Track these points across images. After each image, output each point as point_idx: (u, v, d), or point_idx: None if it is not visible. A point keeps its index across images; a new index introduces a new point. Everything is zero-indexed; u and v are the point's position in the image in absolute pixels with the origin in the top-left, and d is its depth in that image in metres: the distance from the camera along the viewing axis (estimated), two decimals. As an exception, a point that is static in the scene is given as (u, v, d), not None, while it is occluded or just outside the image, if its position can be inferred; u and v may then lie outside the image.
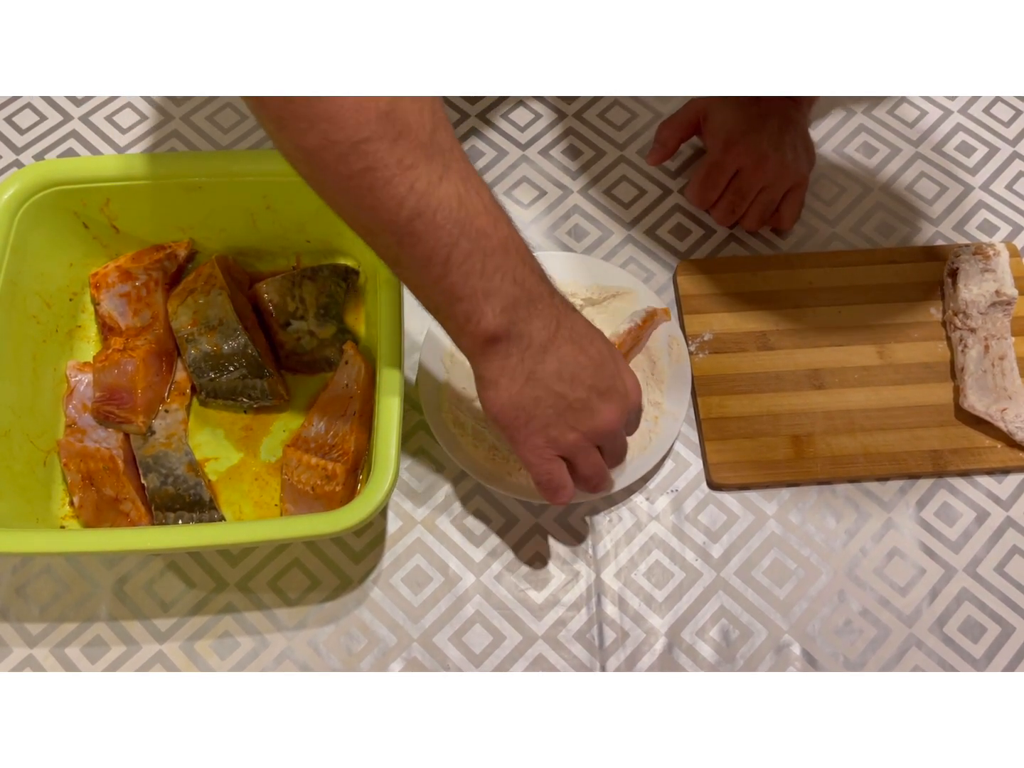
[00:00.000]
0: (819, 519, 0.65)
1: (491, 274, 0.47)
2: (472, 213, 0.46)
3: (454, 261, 0.46)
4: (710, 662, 0.60)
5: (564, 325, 0.50)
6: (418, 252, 0.46)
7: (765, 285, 0.71)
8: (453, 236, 0.45)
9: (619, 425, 0.52)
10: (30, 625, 0.61)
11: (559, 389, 0.50)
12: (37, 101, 0.81)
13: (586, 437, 0.52)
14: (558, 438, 0.51)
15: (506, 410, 0.50)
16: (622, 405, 0.52)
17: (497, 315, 0.47)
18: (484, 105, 0.81)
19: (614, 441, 0.54)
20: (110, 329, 0.66)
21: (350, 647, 0.60)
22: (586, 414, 0.51)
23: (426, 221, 0.45)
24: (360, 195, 0.45)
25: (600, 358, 0.51)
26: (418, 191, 0.44)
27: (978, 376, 0.66)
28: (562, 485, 0.53)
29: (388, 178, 0.44)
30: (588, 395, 0.50)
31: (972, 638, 0.61)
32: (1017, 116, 0.81)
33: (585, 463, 0.53)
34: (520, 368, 0.49)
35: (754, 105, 0.72)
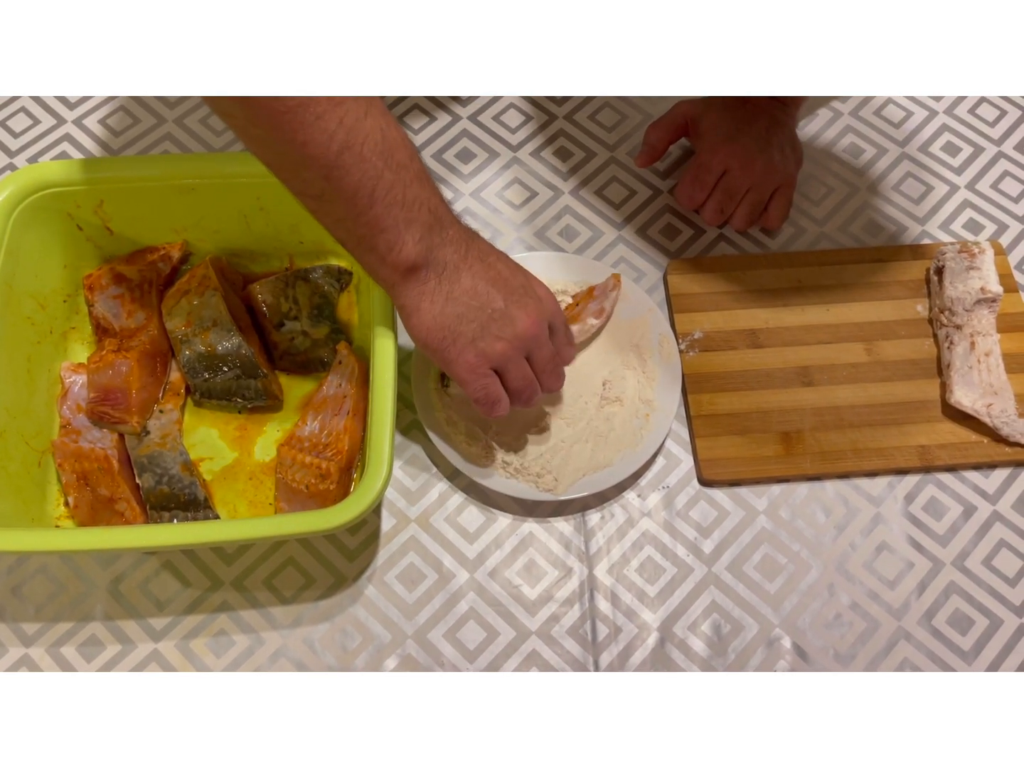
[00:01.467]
0: (809, 514, 0.65)
1: (411, 204, 0.49)
2: (393, 146, 0.48)
3: (378, 193, 0.48)
4: (702, 656, 0.61)
5: (472, 247, 0.53)
6: (345, 185, 0.48)
7: (754, 284, 0.72)
8: (378, 168, 0.48)
9: (540, 328, 0.55)
10: (26, 625, 0.61)
11: (477, 303, 0.53)
12: (30, 104, 0.81)
13: (512, 345, 0.54)
14: (486, 349, 0.54)
15: (432, 332, 0.53)
16: (538, 309, 0.55)
17: (416, 243, 0.50)
18: (475, 107, 0.81)
19: (540, 347, 0.56)
20: (104, 330, 0.67)
21: (345, 645, 0.61)
22: (507, 322, 0.53)
23: (354, 154, 0.47)
24: (292, 131, 0.46)
25: (508, 271, 0.54)
26: (346, 125, 0.46)
27: (964, 372, 0.67)
28: (497, 399, 0.56)
29: (320, 113, 0.45)
30: (505, 304, 0.53)
31: (960, 631, 0.62)
32: (1002, 116, 0.82)
33: (516, 373, 0.56)
34: (439, 291, 0.52)
35: (741, 107, 0.73)
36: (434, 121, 0.81)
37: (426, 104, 0.82)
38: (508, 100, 0.82)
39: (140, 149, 0.79)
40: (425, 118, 0.81)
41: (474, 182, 0.78)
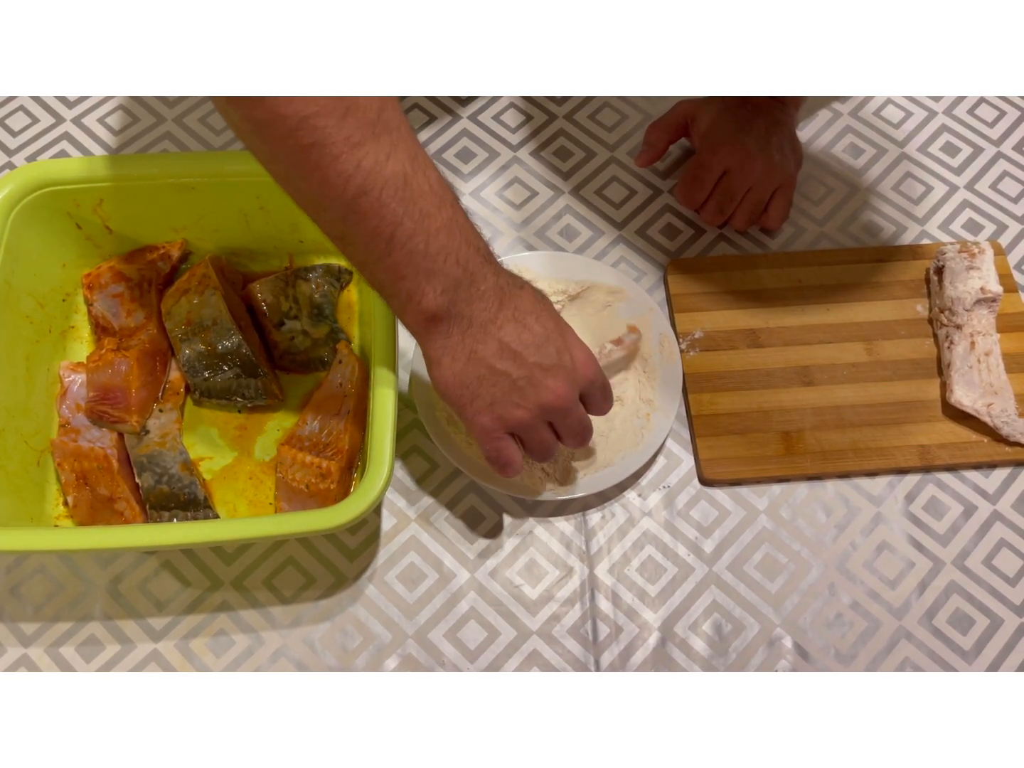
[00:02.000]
0: (809, 514, 0.65)
1: (434, 255, 0.47)
2: (417, 193, 0.46)
3: (398, 240, 0.47)
4: (703, 656, 0.61)
5: (507, 305, 0.51)
6: (363, 229, 0.47)
7: (755, 284, 0.72)
8: (397, 215, 0.46)
9: (568, 400, 0.53)
10: (24, 625, 0.61)
11: (501, 367, 0.50)
12: (29, 103, 0.81)
13: (533, 414, 0.52)
14: (503, 415, 0.52)
15: (451, 388, 0.52)
16: (569, 379, 0.52)
17: (438, 295, 0.48)
18: (475, 107, 0.81)
19: (565, 417, 0.54)
20: (103, 329, 0.67)
21: (345, 644, 0.61)
22: (531, 391, 0.51)
23: (372, 199, 0.45)
24: (308, 170, 0.45)
25: (544, 334, 0.52)
26: (365, 169, 0.45)
27: (964, 372, 0.67)
28: (509, 462, 0.54)
29: (336, 155, 0.44)
30: (532, 372, 0.51)
31: (961, 630, 0.62)
32: (1001, 117, 0.82)
33: (532, 440, 0.54)
34: (461, 347, 0.50)
35: (741, 107, 0.73)
36: (434, 121, 0.81)
37: (426, 104, 0.82)
38: (508, 100, 0.82)
39: (139, 148, 0.79)
40: (425, 118, 0.81)
41: (474, 182, 0.78)
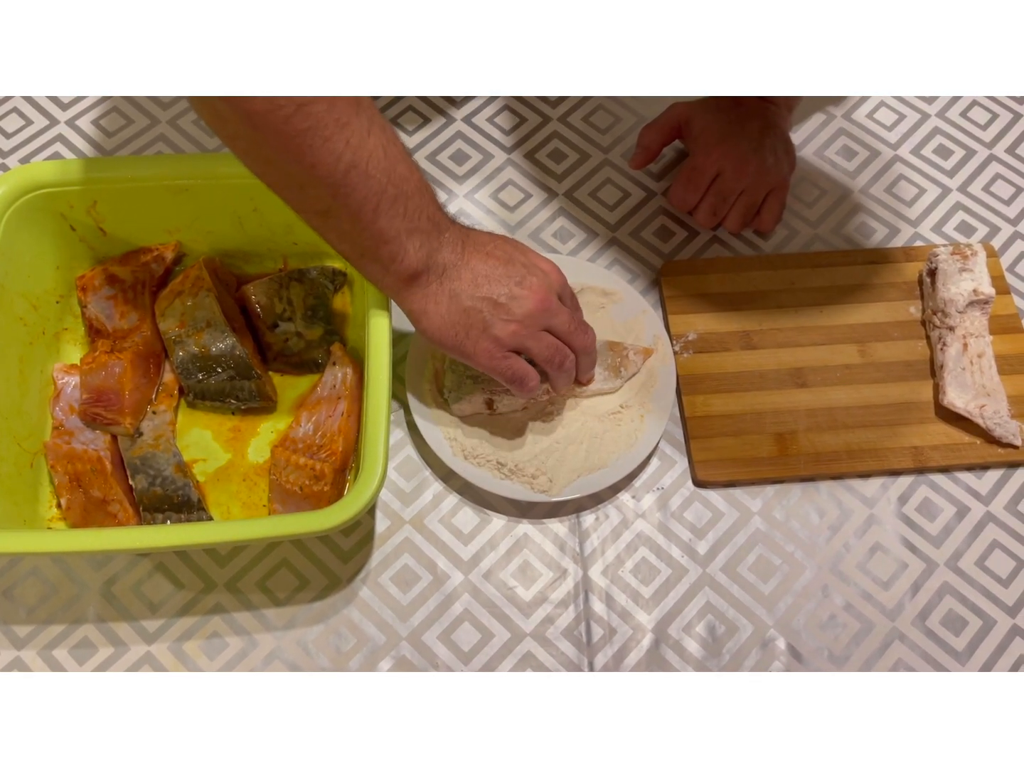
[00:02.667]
0: (803, 515, 0.65)
1: (412, 214, 0.51)
2: (394, 161, 0.50)
3: (383, 206, 0.50)
4: (697, 658, 0.61)
5: (468, 244, 0.55)
6: (352, 201, 0.50)
7: (748, 286, 0.72)
8: (382, 184, 0.50)
9: (549, 301, 0.56)
10: (17, 627, 0.61)
11: (480, 293, 0.54)
12: (23, 105, 0.81)
13: (524, 324, 0.55)
14: (499, 335, 0.55)
15: (444, 331, 0.55)
16: (543, 283, 0.56)
17: (417, 251, 0.52)
18: (469, 109, 0.82)
19: (555, 317, 0.57)
20: (97, 331, 0.67)
21: (339, 646, 0.61)
22: (514, 304, 0.55)
23: (360, 172, 0.49)
24: (301, 153, 0.47)
25: (507, 256, 0.56)
26: (352, 145, 0.48)
27: (957, 373, 0.67)
28: (524, 374, 0.57)
29: (328, 136, 0.47)
30: (509, 288, 0.55)
31: (954, 631, 0.62)
32: (993, 119, 0.83)
33: (538, 346, 0.57)
34: (441, 291, 0.54)
35: (734, 109, 0.73)
36: (428, 123, 0.81)
37: (420, 106, 0.82)
38: (502, 102, 0.82)
39: (133, 150, 0.79)
40: (419, 120, 0.81)
41: (468, 184, 0.78)
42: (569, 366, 0.59)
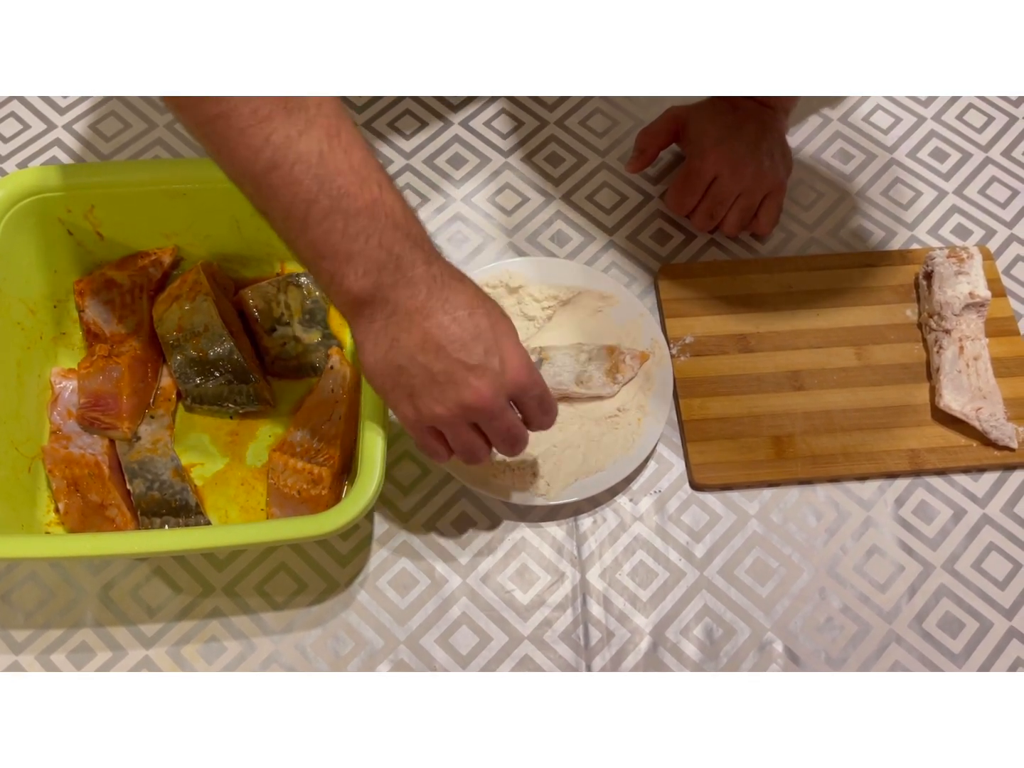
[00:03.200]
0: (800, 518, 0.66)
1: (354, 235, 0.46)
2: (333, 171, 0.45)
3: (313, 217, 0.46)
4: (694, 660, 0.61)
5: (436, 295, 0.48)
6: (277, 205, 0.46)
7: (745, 289, 0.72)
8: (312, 192, 0.45)
9: (489, 403, 0.49)
10: (15, 632, 0.61)
11: (422, 360, 0.48)
12: (20, 109, 0.81)
13: (452, 412, 0.50)
14: (422, 409, 0.50)
15: (373, 375, 0.50)
16: (494, 382, 0.49)
17: (360, 278, 0.47)
18: (466, 113, 0.82)
19: (490, 420, 0.51)
20: (95, 336, 0.67)
21: (337, 650, 0.61)
22: (450, 388, 0.49)
23: (283, 173, 0.45)
24: (217, 142, 0.45)
25: (475, 331, 0.49)
26: (274, 143, 0.44)
27: (953, 376, 0.67)
28: (434, 452, 0.53)
29: (242, 128, 0.44)
30: (454, 368, 0.48)
31: (951, 633, 0.62)
32: (989, 122, 0.83)
33: (456, 439, 0.52)
34: (384, 334, 0.49)
35: (731, 113, 0.73)
36: (426, 127, 0.81)
37: (418, 110, 0.82)
38: (499, 106, 0.82)
39: (130, 154, 0.79)
40: (417, 124, 0.81)
41: (465, 187, 0.78)
42: (482, 463, 0.54)
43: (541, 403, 0.53)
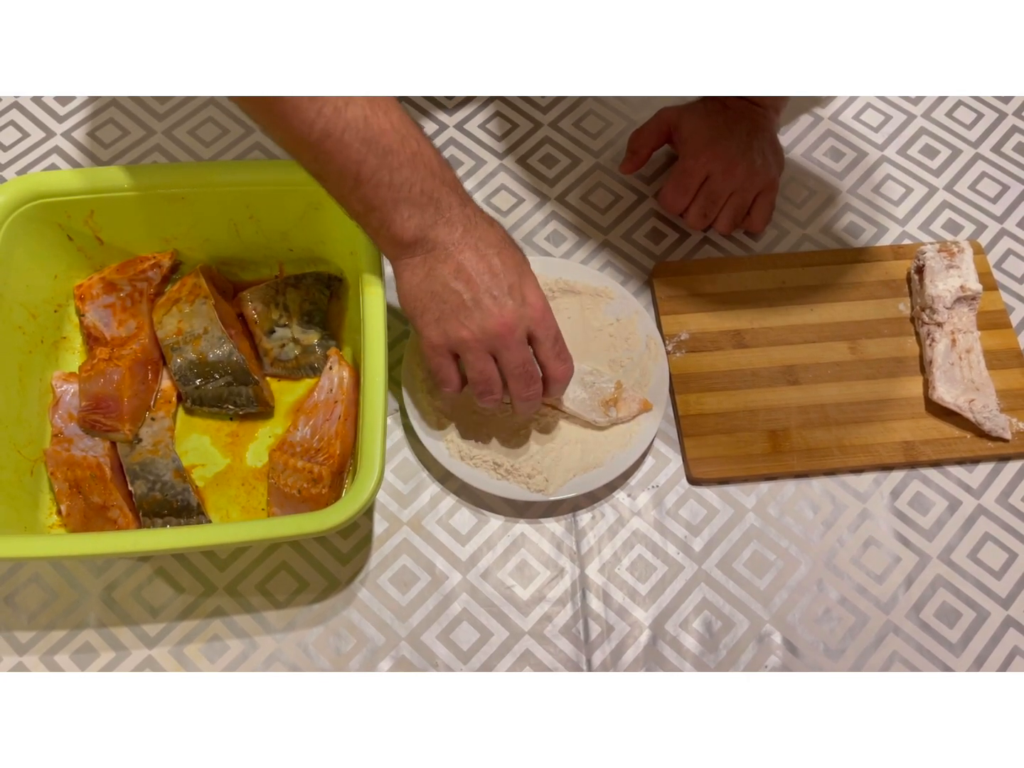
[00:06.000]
0: (797, 511, 0.66)
1: (399, 186, 0.52)
2: (378, 132, 0.51)
3: (364, 175, 0.52)
4: (694, 653, 0.61)
5: (471, 233, 0.55)
6: (331, 168, 0.52)
7: (739, 285, 0.73)
8: (361, 153, 0.51)
9: (510, 330, 0.55)
10: (19, 633, 0.61)
11: (454, 286, 0.54)
12: (19, 117, 0.81)
13: (475, 336, 0.55)
14: (448, 332, 0.55)
15: (407, 299, 0.56)
16: (516, 311, 0.55)
17: (405, 221, 0.53)
18: (462, 115, 0.82)
19: (507, 349, 0.56)
20: (95, 339, 0.67)
21: (339, 648, 0.61)
22: (476, 312, 0.54)
23: (335, 141, 0.51)
24: (276, 120, 0.51)
25: (502, 267, 0.55)
26: (325, 115, 0.50)
27: (946, 369, 0.68)
28: (447, 379, 0.58)
29: (296, 104, 0.50)
30: (480, 296, 0.54)
31: (948, 623, 0.63)
32: (979, 119, 0.84)
33: (473, 365, 0.57)
34: (422, 265, 0.55)
35: (722, 113, 0.74)
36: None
37: (413, 113, 0.83)
38: (493, 108, 0.83)
39: (129, 160, 0.79)
40: (412, 127, 0.82)
41: (461, 189, 0.79)
42: (492, 401, 0.59)
43: (556, 344, 0.58)
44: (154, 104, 0.82)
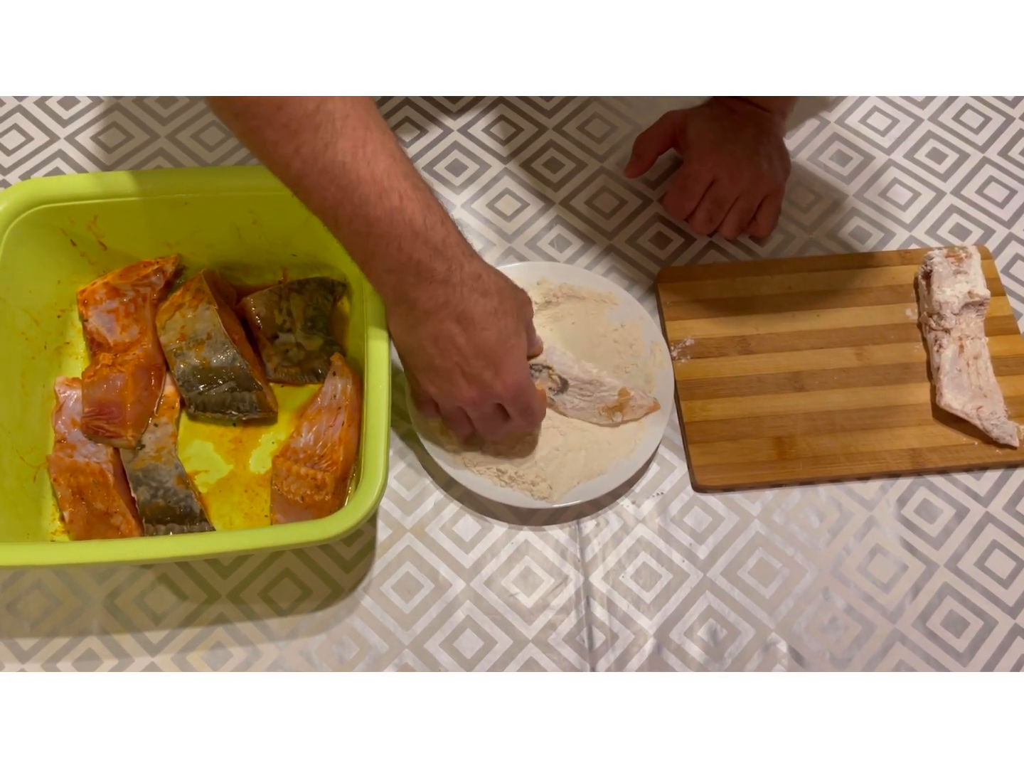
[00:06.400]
0: (802, 519, 0.66)
1: (376, 238, 0.51)
2: (355, 181, 0.49)
3: (341, 219, 0.51)
4: (699, 662, 0.61)
5: (453, 306, 0.53)
6: (310, 205, 0.52)
7: (745, 291, 0.73)
8: (336, 199, 0.50)
9: (476, 405, 0.58)
10: (21, 640, 0.61)
11: (430, 351, 0.56)
12: (23, 121, 0.81)
13: (445, 399, 0.59)
14: (423, 380, 0.59)
15: (396, 345, 0.59)
16: (482, 391, 0.57)
17: (382, 275, 0.53)
18: (466, 120, 0.82)
19: (478, 416, 0.59)
20: (99, 345, 0.67)
21: (342, 655, 0.61)
22: (447, 383, 0.57)
23: (311, 182, 0.50)
24: (257, 149, 0.51)
25: (482, 347, 0.55)
26: (303, 155, 0.49)
27: (954, 375, 0.67)
28: (426, 409, 0.63)
29: (275, 140, 0.49)
30: (452, 370, 0.56)
31: (955, 632, 0.62)
32: (986, 123, 0.83)
33: (443, 407, 0.61)
34: (405, 317, 0.55)
35: (728, 117, 0.74)
36: (425, 134, 0.81)
37: (417, 117, 0.82)
38: (498, 112, 0.83)
39: (133, 165, 0.79)
40: (416, 131, 0.82)
41: (465, 194, 0.78)
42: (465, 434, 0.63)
43: (523, 412, 0.59)
44: (158, 108, 0.82)
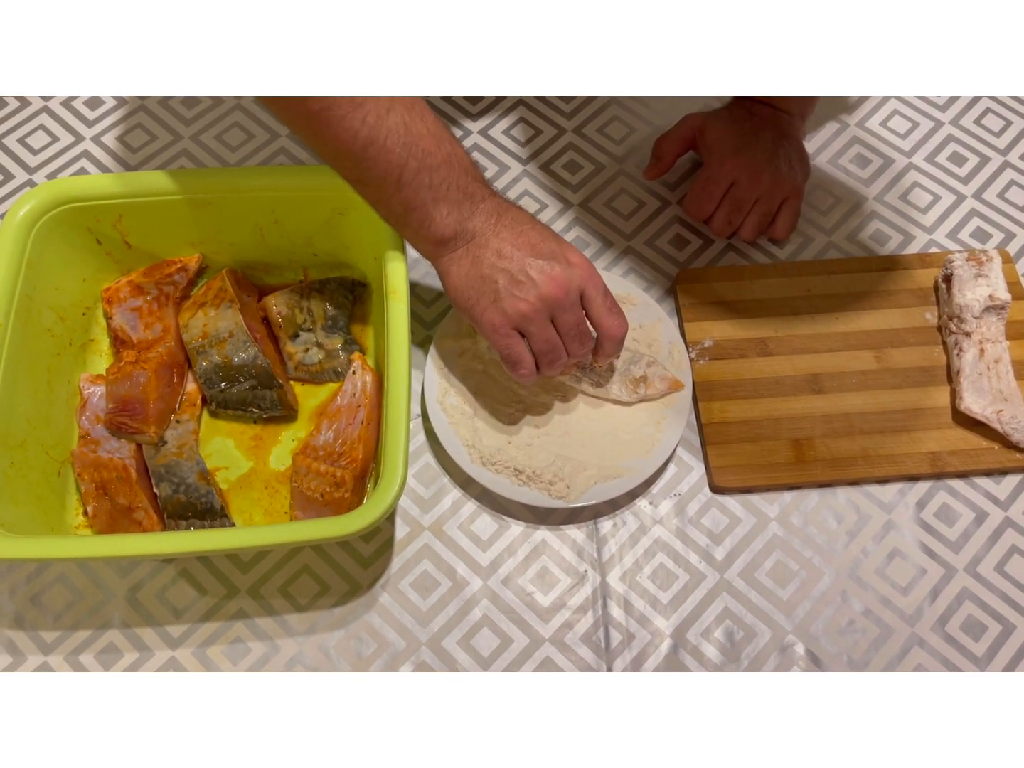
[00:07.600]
0: (820, 521, 0.66)
1: (437, 185, 0.55)
2: (417, 136, 0.54)
3: (405, 178, 0.54)
4: (715, 663, 0.61)
5: (504, 217, 0.57)
6: (375, 173, 0.55)
7: (763, 293, 0.73)
8: (402, 158, 0.54)
9: (563, 292, 0.57)
10: (44, 633, 0.62)
11: (502, 265, 0.56)
12: (49, 122, 0.83)
13: (534, 307, 0.57)
14: (507, 309, 0.57)
15: (460, 292, 0.58)
16: (565, 274, 0.57)
17: (445, 218, 0.56)
18: (486, 121, 0.83)
19: (564, 311, 0.58)
20: (122, 342, 0.68)
21: (360, 651, 0.61)
22: (529, 284, 0.56)
23: (378, 147, 0.53)
24: (321, 129, 0.53)
25: (538, 238, 0.57)
26: (369, 123, 0.53)
27: (974, 379, 0.67)
28: (519, 358, 0.59)
29: (342, 115, 0.52)
30: (529, 267, 0.56)
31: (973, 636, 0.62)
32: (1007, 126, 0.83)
33: (539, 336, 0.58)
34: (466, 256, 0.57)
35: (748, 119, 0.74)
36: (445, 135, 0.82)
37: (437, 119, 0.83)
38: (517, 114, 0.83)
39: (157, 164, 0.80)
40: (436, 133, 0.82)
41: (485, 195, 0.79)
42: (559, 367, 0.60)
43: (607, 299, 0.59)
44: (181, 109, 0.83)
